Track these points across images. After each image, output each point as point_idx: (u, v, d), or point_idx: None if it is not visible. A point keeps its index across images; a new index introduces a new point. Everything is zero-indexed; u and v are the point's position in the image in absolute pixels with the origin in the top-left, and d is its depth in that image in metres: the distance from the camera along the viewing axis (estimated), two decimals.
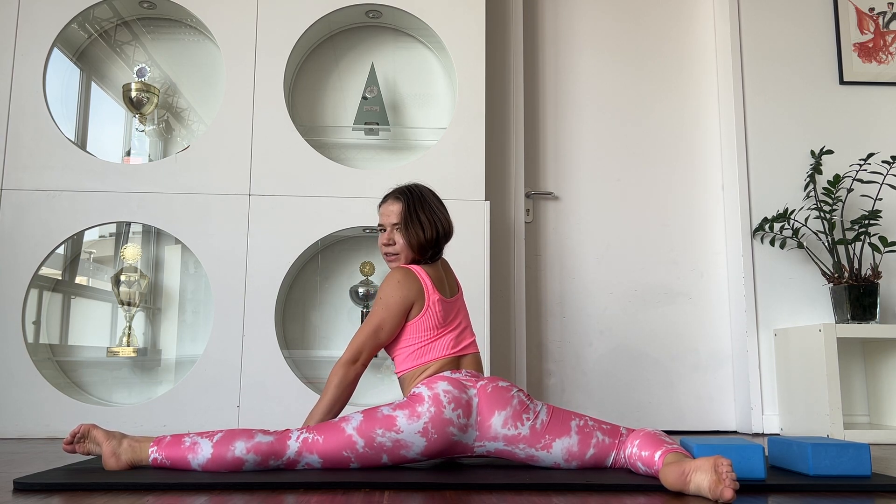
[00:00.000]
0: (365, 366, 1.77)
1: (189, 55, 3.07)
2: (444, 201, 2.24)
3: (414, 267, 1.80)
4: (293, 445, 1.58)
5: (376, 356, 1.84)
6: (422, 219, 1.82)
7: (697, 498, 1.37)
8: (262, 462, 1.56)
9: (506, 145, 3.12)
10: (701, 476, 1.35)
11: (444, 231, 1.84)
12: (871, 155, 2.98)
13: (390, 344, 1.79)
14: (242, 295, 2.66)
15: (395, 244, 1.83)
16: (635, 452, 1.57)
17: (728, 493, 1.30)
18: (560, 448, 1.61)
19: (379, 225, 1.88)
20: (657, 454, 1.50)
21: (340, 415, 1.75)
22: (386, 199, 1.88)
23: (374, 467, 1.63)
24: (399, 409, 1.62)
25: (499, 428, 1.63)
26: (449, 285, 1.86)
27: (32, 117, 2.72)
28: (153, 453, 1.58)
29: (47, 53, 2.76)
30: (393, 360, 1.80)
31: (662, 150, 3.26)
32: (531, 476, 1.55)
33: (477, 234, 2.75)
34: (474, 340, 1.83)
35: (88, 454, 1.62)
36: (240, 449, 1.55)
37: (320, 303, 2.96)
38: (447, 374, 1.70)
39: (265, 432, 1.59)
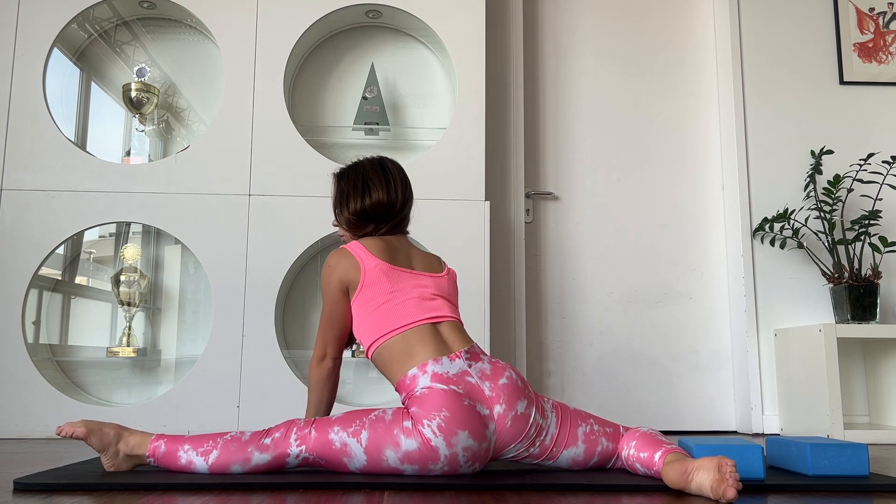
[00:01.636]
0: (336, 359, 1.71)
1: (189, 55, 3.07)
2: (444, 201, 2.24)
3: (349, 245, 1.69)
4: (292, 462, 1.53)
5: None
6: (347, 192, 1.74)
7: (699, 499, 1.37)
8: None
9: (506, 145, 3.12)
10: (703, 475, 1.34)
11: (377, 202, 1.71)
12: (871, 155, 2.98)
13: (355, 327, 1.68)
14: (242, 295, 2.67)
15: (339, 226, 1.79)
16: (633, 454, 1.55)
17: (730, 493, 1.29)
18: (566, 457, 1.59)
19: None
20: (657, 454, 1.50)
21: (339, 410, 1.75)
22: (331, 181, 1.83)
23: None
24: (408, 462, 1.47)
25: (509, 454, 1.57)
26: (410, 259, 1.71)
27: (32, 117, 2.72)
28: (150, 463, 1.56)
29: (47, 53, 2.76)
30: (360, 342, 1.67)
31: (662, 150, 3.26)
32: (532, 477, 1.55)
33: (477, 234, 2.75)
34: (453, 314, 1.66)
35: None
36: (236, 472, 1.51)
37: (320, 303, 2.97)
38: (455, 381, 1.52)
39: (261, 446, 1.51)
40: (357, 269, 1.63)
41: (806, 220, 3.08)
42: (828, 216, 2.98)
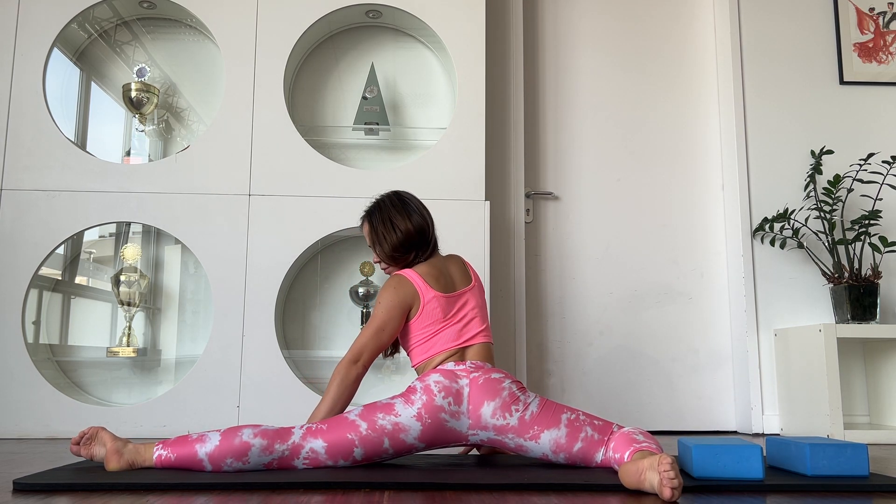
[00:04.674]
0: (366, 367, 1.82)
1: (189, 55, 3.08)
2: (444, 201, 2.19)
3: (406, 272, 1.87)
4: (298, 432, 1.64)
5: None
6: (380, 232, 1.91)
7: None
8: (268, 446, 1.59)
9: (506, 145, 3.13)
10: (652, 475, 1.36)
11: (407, 232, 1.90)
12: (871, 155, 2.98)
13: (404, 342, 1.88)
14: (242, 295, 2.67)
15: (381, 261, 1.97)
16: (611, 456, 1.61)
17: (666, 493, 1.31)
18: (548, 439, 1.65)
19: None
20: (626, 454, 1.54)
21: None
22: (361, 223, 2.00)
23: (377, 458, 1.67)
24: (396, 397, 1.72)
25: (488, 417, 1.68)
26: (453, 278, 1.90)
27: (32, 117, 2.72)
28: (158, 450, 1.60)
29: (47, 53, 2.76)
30: (409, 355, 1.88)
31: (662, 150, 3.26)
32: (530, 476, 1.55)
33: (477, 234, 2.75)
34: (484, 330, 1.86)
35: (91, 458, 1.63)
36: (247, 434, 1.59)
37: (320, 303, 2.97)
38: (445, 366, 1.76)
39: (269, 426, 1.66)
40: (416, 297, 1.82)
41: (806, 220, 3.08)
42: (828, 216, 2.98)
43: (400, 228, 1.90)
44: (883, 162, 2.96)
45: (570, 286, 3.15)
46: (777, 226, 3.05)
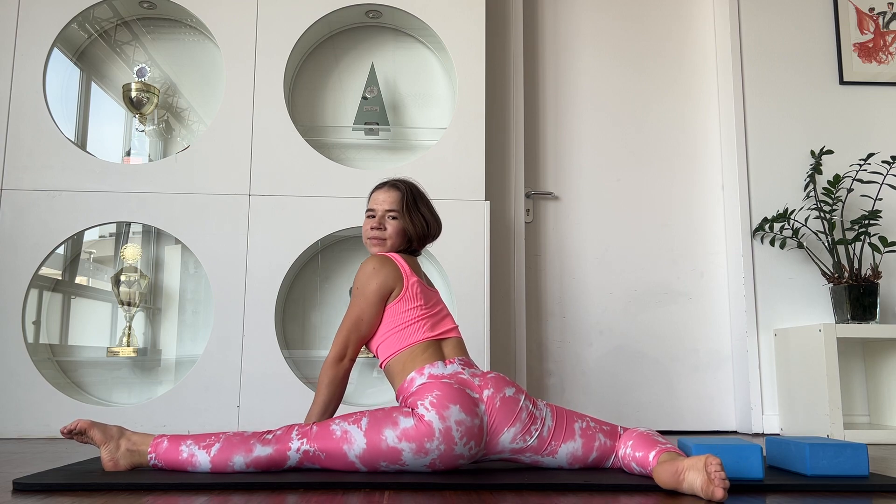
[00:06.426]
0: (352, 361, 1.75)
1: (189, 55, 3.08)
2: (444, 201, 2.20)
3: (390, 254, 1.79)
4: (293, 457, 1.55)
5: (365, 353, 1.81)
6: (423, 212, 1.85)
7: (695, 499, 1.37)
8: (263, 473, 1.55)
9: (506, 145, 3.13)
10: (694, 475, 1.35)
11: (438, 228, 1.88)
12: (871, 155, 2.98)
13: (371, 336, 1.76)
14: (242, 295, 2.67)
15: (385, 229, 1.81)
16: (629, 453, 1.57)
17: (719, 493, 1.29)
18: (565, 452, 1.61)
19: (369, 210, 1.85)
20: (651, 454, 1.51)
21: (339, 411, 1.76)
22: (382, 186, 1.87)
23: None
24: (405, 440, 1.52)
25: (507, 443, 1.59)
26: (427, 278, 1.87)
27: (32, 117, 2.72)
28: (152, 459, 1.57)
29: (47, 53, 2.76)
30: (376, 353, 1.75)
31: (662, 150, 3.26)
32: (531, 476, 1.55)
33: (477, 234, 2.75)
34: (456, 327, 1.79)
35: (86, 444, 1.62)
36: (238, 464, 1.52)
37: (320, 303, 2.97)
38: (448, 378, 1.62)
39: (263, 440, 1.55)
40: (399, 279, 1.74)
41: (806, 220, 3.08)
42: (828, 216, 2.98)
43: (438, 222, 1.88)
44: (883, 162, 2.96)
45: (569, 286, 3.15)
46: (777, 226, 3.05)
